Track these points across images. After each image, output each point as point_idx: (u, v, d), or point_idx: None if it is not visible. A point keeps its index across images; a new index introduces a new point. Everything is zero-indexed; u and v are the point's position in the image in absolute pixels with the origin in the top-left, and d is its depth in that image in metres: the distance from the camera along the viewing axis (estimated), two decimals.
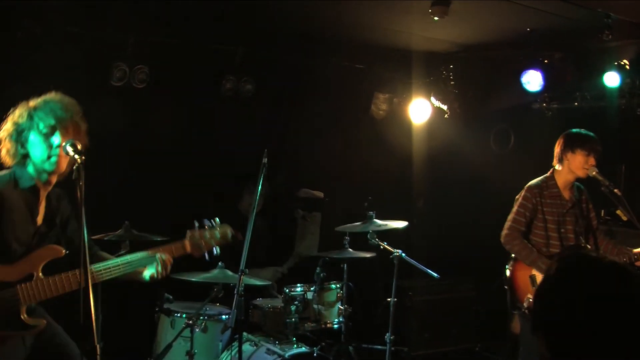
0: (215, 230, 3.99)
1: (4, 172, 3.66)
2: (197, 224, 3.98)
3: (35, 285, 3.51)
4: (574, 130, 5.37)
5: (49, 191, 3.73)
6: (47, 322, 3.68)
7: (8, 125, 3.62)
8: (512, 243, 5.29)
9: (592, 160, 5.21)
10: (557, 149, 5.37)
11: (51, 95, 3.71)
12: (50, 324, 3.75)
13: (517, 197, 5.42)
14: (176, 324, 5.22)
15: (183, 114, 6.53)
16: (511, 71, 6.95)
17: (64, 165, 3.62)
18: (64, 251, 3.65)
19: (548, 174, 5.41)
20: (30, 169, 3.62)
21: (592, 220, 5.51)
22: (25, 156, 3.60)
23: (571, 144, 5.28)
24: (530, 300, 5.09)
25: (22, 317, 3.49)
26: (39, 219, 3.69)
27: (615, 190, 5.18)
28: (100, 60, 5.80)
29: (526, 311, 5.15)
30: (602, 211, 6.62)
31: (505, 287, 5.38)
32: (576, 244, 5.33)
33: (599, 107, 6.88)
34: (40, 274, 3.55)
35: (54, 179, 3.69)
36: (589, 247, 5.43)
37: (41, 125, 3.55)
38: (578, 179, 5.36)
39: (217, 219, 4.05)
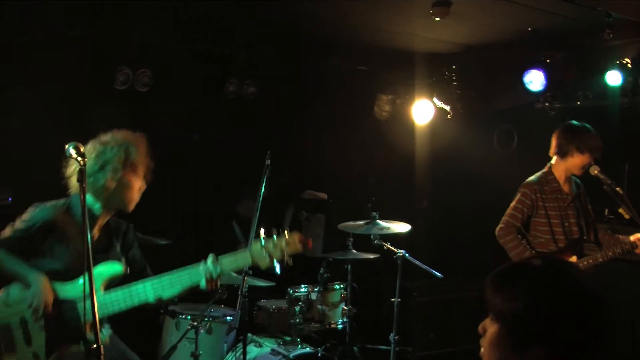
0: (282, 239, 3.69)
1: (61, 200, 3.82)
2: (263, 233, 3.72)
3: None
4: (577, 123, 5.36)
5: (109, 219, 3.93)
6: (111, 339, 3.85)
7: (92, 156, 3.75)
8: (505, 238, 5.26)
9: (592, 159, 5.24)
10: (556, 141, 5.35)
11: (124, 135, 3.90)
12: (115, 342, 3.94)
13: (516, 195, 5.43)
14: (181, 326, 5.26)
15: (186, 117, 6.56)
16: (513, 71, 6.94)
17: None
18: (123, 268, 3.79)
19: (545, 169, 5.40)
20: (94, 198, 3.81)
21: (590, 212, 5.52)
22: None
23: (579, 142, 5.24)
24: None
25: (84, 331, 3.58)
26: (93, 242, 3.81)
27: (617, 188, 5.18)
28: (103, 64, 5.82)
29: None
30: (606, 210, 6.63)
31: None
32: (580, 238, 5.34)
33: (602, 106, 6.87)
34: (102, 290, 3.67)
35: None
36: (591, 239, 5.47)
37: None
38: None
39: (287, 229, 3.75)
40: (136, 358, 4.09)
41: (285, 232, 3.71)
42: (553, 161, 5.40)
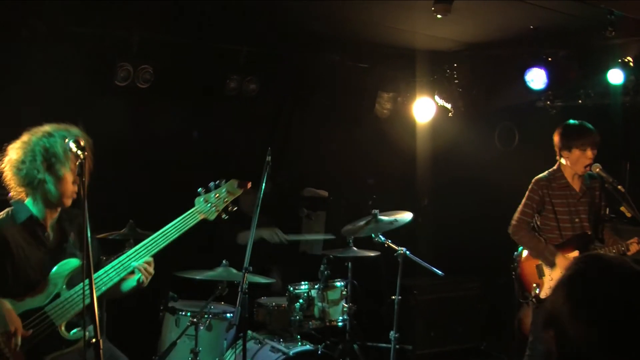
0: (222, 189, 3.92)
1: (2, 213, 3.65)
2: (202, 190, 3.92)
3: (62, 302, 3.55)
4: (571, 122, 5.42)
5: (59, 213, 3.73)
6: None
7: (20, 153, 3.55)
8: (520, 234, 5.37)
9: (589, 154, 5.26)
10: (555, 141, 5.43)
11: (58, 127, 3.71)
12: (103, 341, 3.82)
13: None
14: (181, 322, 5.24)
15: (187, 113, 6.55)
16: (515, 69, 6.94)
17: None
18: (79, 261, 3.64)
19: (555, 167, 5.46)
20: (34, 201, 3.62)
21: (602, 209, 5.52)
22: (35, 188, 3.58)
23: (567, 141, 5.34)
24: (537, 290, 5.18)
25: (61, 334, 3.53)
26: (49, 244, 3.69)
27: (619, 186, 5.22)
28: (104, 60, 5.81)
29: (534, 300, 5.23)
30: (607, 208, 6.63)
31: (513, 278, 5.42)
32: (584, 234, 5.34)
33: (603, 105, 6.87)
34: (65, 287, 3.59)
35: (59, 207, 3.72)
36: (597, 237, 5.47)
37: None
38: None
39: (223, 180, 3.97)
40: (124, 358, 4.02)
41: (222, 182, 3.94)
42: (562, 159, 5.43)
